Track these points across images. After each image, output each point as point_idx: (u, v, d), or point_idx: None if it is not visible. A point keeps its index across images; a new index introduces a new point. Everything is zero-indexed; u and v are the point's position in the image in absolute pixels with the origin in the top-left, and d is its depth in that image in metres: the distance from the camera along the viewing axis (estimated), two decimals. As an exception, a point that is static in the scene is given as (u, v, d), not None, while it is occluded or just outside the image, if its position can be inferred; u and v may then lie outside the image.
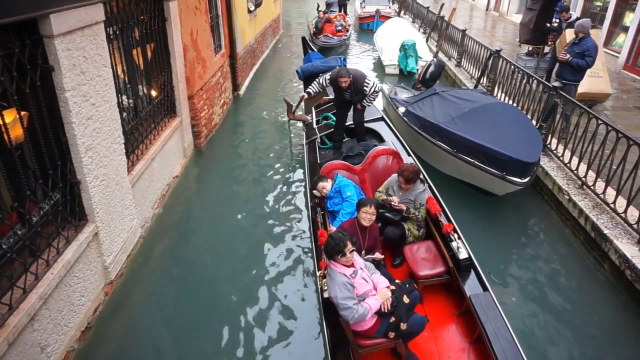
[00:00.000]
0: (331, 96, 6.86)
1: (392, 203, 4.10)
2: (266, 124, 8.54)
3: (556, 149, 5.99)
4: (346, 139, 6.24)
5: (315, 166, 5.44)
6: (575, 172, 5.43)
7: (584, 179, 5.23)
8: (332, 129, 6.20)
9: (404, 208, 4.10)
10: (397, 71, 11.49)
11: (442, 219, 4.11)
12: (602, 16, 11.93)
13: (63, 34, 3.23)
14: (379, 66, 12.42)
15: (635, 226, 4.37)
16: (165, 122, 5.92)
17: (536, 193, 5.97)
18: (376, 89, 5.55)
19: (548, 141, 6.10)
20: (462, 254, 3.66)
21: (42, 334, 3.17)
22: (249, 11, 10.72)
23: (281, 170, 6.69)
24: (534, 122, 6.29)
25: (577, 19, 8.35)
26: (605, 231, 4.51)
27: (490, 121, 5.48)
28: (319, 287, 3.51)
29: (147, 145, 5.26)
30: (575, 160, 5.47)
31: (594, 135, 5.13)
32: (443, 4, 13.39)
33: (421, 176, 4.33)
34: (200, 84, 6.94)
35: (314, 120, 6.87)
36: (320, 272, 3.53)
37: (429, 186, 4.69)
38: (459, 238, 3.86)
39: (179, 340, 3.80)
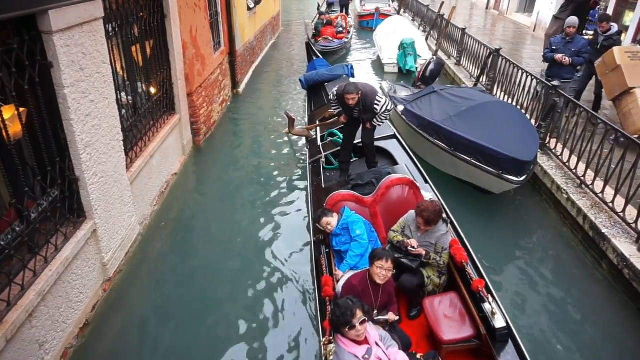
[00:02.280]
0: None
1: (410, 248, 3.49)
2: (265, 122, 8.53)
3: (555, 147, 6.00)
4: (354, 158, 5.62)
5: (319, 191, 4.84)
6: (574, 171, 5.44)
7: (582, 178, 5.24)
8: (339, 148, 5.55)
9: (423, 253, 3.49)
10: (396, 69, 11.49)
11: (470, 269, 3.41)
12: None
13: (62, 30, 3.22)
14: (378, 64, 12.41)
15: (633, 225, 4.38)
16: (164, 119, 5.91)
17: (535, 192, 5.97)
18: (388, 107, 4.93)
19: (547, 140, 6.11)
20: (499, 322, 2.96)
21: (41, 331, 3.17)
22: (249, 9, 10.70)
23: (281, 166, 6.68)
24: (532, 121, 6.30)
25: (619, 32, 7.26)
26: (604, 230, 4.52)
27: (487, 120, 5.49)
28: (324, 357, 2.87)
29: (146, 143, 5.25)
30: (574, 159, 5.47)
31: (592, 134, 5.15)
32: (443, 2, 13.37)
33: (444, 215, 3.65)
34: (199, 82, 6.93)
35: (318, 136, 6.14)
36: (324, 338, 2.89)
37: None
38: (494, 299, 3.15)
39: (177, 337, 3.80)
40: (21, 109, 3.06)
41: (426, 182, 4.76)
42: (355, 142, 5.43)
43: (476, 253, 3.77)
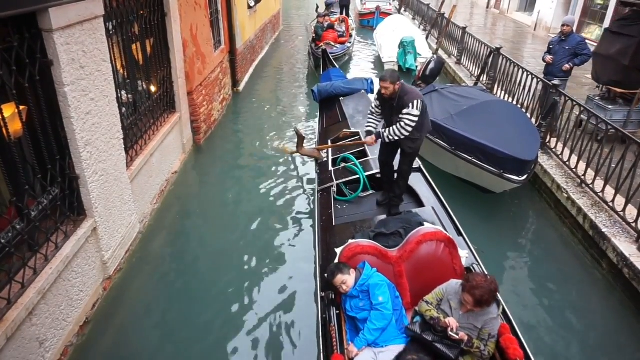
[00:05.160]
0: (354, 129, 5.70)
1: (450, 331, 2.73)
2: (265, 121, 8.53)
3: (555, 147, 6.00)
4: (370, 191, 4.80)
5: (328, 228, 4.12)
6: (574, 170, 5.44)
7: (582, 177, 5.24)
8: (354, 177, 4.81)
9: (466, 339, 2.75)
10: (396, 68, 11.46)
11: None
12: (602, 14, 11.93)
13: (62, 28, 3.22)
14: (378, 63, 12.40)
15: (633, 225, 4.38)
16: (165, 117, 5.91)
17: (535, 191, 5.97)
18: (413, 115, 3.91)
19: (547, 139, 6.11)
20: None
21: (41, 329, 3.17)
22: (249, 7, 10.69)
23: (281, 165, 6.67)
24: (533, 120, 6.30)
25: None
26: (604, 229, 4.52)
27: (488, 119, 5.48)
28: None
29: (146, 141, 5.25)
30: (574, 158, 5.48)
31: (593, 133, 5.14)
32: (443, 1, 13.37)
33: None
34: (199, 80, 6.93)
35: (330, 159, 5.36)
36: None
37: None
38: None
39: (176, 336, 3.80)
40: (21, 107, 3.06)
41: (459, 234, 3.85)
42: (372, 173, 4.82)
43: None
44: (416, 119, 3.92)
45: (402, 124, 3.92)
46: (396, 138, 3.99)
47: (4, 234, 3.00)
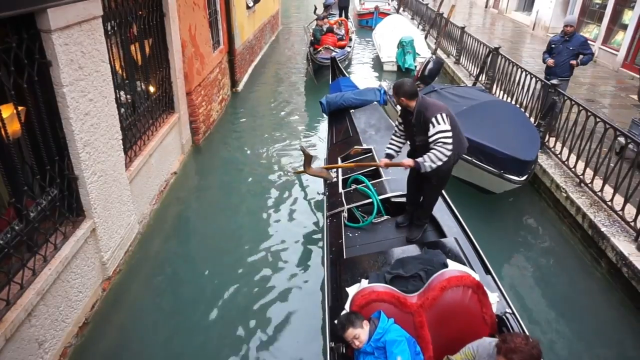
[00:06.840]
0: (365, 145, 5.23)
1: None
2: (264, 121, 8.54)
3: (554, 146, 6.01)
4: (385, 216, 4.24)
5: (339, 261, 3.65)
6: (573, 169, 5.45)
7: (581, 176, 5.25)
8: (367, 201, 4.28)
9: None
10: (395, 68, 11.49)
11: None
12: (600, 14, 11.94)
13: (61, 28, 3.22)
14: (377, 63, 12.40)
15: (632, 224, 4.38)
16: (164, 118, 5.91)
17: (534, 190, 5.98)
18: (444, 139, 3.30)
19: (546, 139, 6.12)
20: None
21: (40, 330, 3.17)
22: (248, 7, 10.69)
23: (284, 168, 6.67)
24: (532, 119, 6.30)
25: None
26: (603, 229, 4.52)
27: (488, 119, 5.48)
28: None
29: (145, 142, 5.25)
30: (573, 157, 5.48)
31: (592, 133, 5.15)
32: (442, 1, 13.36)
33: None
34: (198, 80, 6.92)
35: (340, 180, 4.80)
36: None
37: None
38: None
39: (176, 336, 3.79)
40: (20, 108, 3.06)
41: (487, 271, 3.39)
42: (388, 196, 4.33)
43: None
44: (450, 134, 3.32)
45: (439, 146, 3.32)
46: (439, 164, 3.36)
47: (3, 235, 2.99)
